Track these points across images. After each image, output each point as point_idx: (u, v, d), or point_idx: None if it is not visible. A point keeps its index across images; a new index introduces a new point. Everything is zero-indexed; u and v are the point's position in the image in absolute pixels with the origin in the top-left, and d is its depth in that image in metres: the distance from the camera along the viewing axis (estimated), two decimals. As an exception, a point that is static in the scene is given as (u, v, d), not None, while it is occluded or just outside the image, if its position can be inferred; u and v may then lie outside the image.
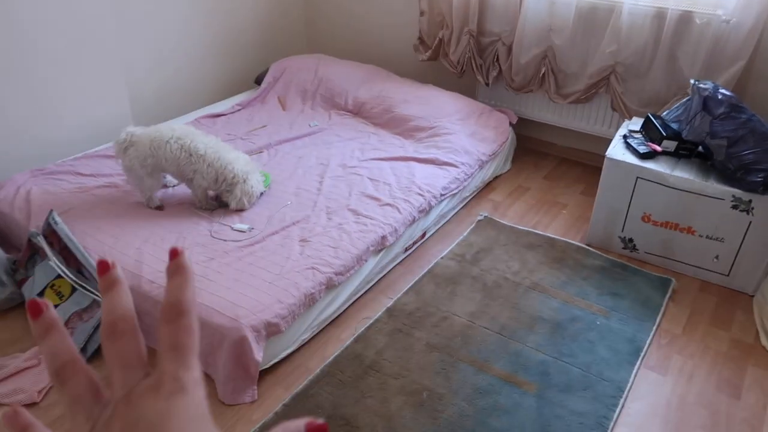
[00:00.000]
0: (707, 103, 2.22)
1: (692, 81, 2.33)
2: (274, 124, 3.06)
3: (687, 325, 2.15)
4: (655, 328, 2.12)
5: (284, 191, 2.45)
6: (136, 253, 2.03)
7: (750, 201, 2.17)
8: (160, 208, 2.29)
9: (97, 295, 1.92)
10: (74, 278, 1.97)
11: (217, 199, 2.34)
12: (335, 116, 3.17)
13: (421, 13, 3.29)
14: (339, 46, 3.87)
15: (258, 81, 3.47)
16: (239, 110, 3.21)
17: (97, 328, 1.89)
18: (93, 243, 2.07)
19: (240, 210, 2.28)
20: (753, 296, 2.31)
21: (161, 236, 2.13)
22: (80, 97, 2.71)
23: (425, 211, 2.46)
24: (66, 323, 1.93)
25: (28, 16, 2.43)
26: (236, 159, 2.27)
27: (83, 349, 1.89)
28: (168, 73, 3.16)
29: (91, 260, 1.98)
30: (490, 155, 2.89)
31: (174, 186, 2.45)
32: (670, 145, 2.37)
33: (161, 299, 1.57)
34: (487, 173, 2.96)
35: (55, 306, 1.97)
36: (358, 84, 3.27)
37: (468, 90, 3.45)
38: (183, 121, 3.03)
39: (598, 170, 2.53)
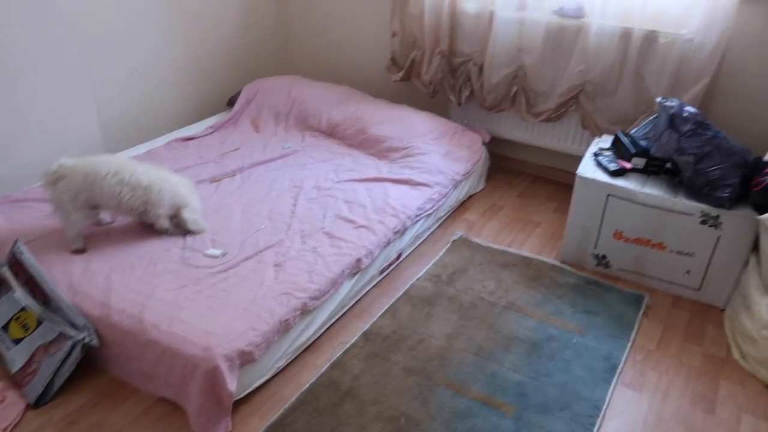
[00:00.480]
0: (673, 120, 2.27)
1: (658, 99, 2.38)
2: (247, 147, 3.04)
3: (661, 341, 2.17)
4: (629, 344, 2.13)
5: (257, 215, 2.42)
6: (105, 281, 1.98)
7: (718, 216, 2.21)
8: (80, 251, 2.13)
9: (63, 327, 1.87)
10: (40, 310, 1.91)
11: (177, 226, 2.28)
12: (309, 138, 3.16)
13: (393, 35, 3.31)
14: (312, 68, 3.88)
15: (231, 103, 3.45)
16: (212, 133, 3.18)
17: (63, 361, 1.83)
18: (60, 273, 2.02)
19: (200, 232, 2.26)
20: (724, 310, 2.34)
21: (130, 264, 2.08)
22: (49, 121, 2.66)
23: (400, 233, 2.45)
24: (31, 357, 1.87)
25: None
26: (179, 182, 2.25)
27: (50, 383, 1.83)
28: (138, 95, 3.13)
29: (59, 291, 1.93)
30: (464, 174, 2.90)
31: (109, 224, 2.31)
32: (640, 162, 2.41)
33: (131, 329, 1.54)
34: (462, 192, 2.98)
35: (21, 339, 1.92)
36: (331, 105, 3.28)
37: (441, 110, 3.48)
38: (155, 145, 2.99)
39: (570, 188, 2.56)
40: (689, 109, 2.28)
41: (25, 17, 2.46)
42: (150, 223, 2.24)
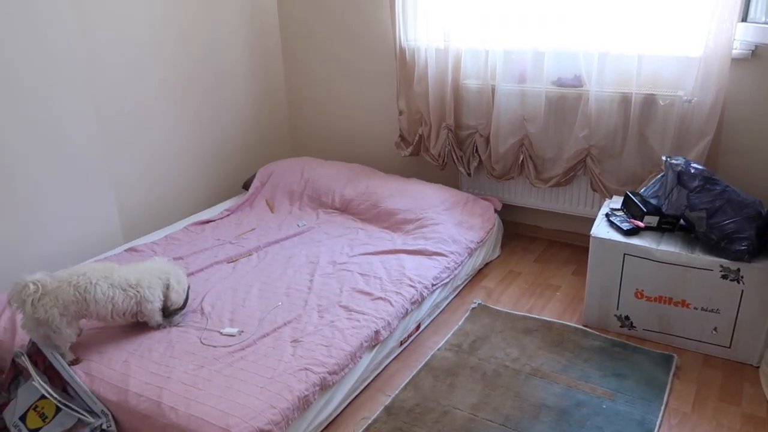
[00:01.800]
0: (681, 177, 2.29)
1: (664, 157, 2.42)
2: (262, 227, 3.09)
3: (696, 403, 2.08)
4: (663, 407, 2.04)
5: (275, 292, 2.43)
6: (123, 366, 1.97)
7: (738, 270, 2.17)
8: (76, 361, 2.01)
9: (82, 415, 1.84)
10: (59, 397, 1.90)
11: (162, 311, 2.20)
12: (323, 215, 3.22)
13: (400, 113, 3.44)
14: (323, 148, 4.02)
15: (246, 186, 3.55)
16: (228, 215, 3.26)
17: (81, 450, 1.79)
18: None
19: (176, 307, 2.19)
20: (758, 367, 2.26)
21: (149, 347, 2.08)
22: (68, 212, 2.75)
23: (418, 303, 2.44)
24: (48, 447, 1.83)
25: (11, 135, 2.51)
26: (155, 264, 2.20)
27: (66, 475, 1.78)
28: (155, 183, 3.24)
29: (77, 378, 1.92)
30: (478, 242, 2.91)
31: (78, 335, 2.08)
32: (652, 220, 2.41)
33: (149, 413, 1.52)
34: (477, 260, 2.97)
35: (38, 429, 1.89)
36: (343, 182, 3.36)
37: (451, 181, 3.55)
38: (172, 230, 3.06)
39: (586, 250, 2.55)
40: (696, 165, 2.31)
41: (44, 104, 2.61)
42: (144, 321, 2.18)
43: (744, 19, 2.48)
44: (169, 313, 2.21)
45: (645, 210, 2.42)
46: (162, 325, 2.20)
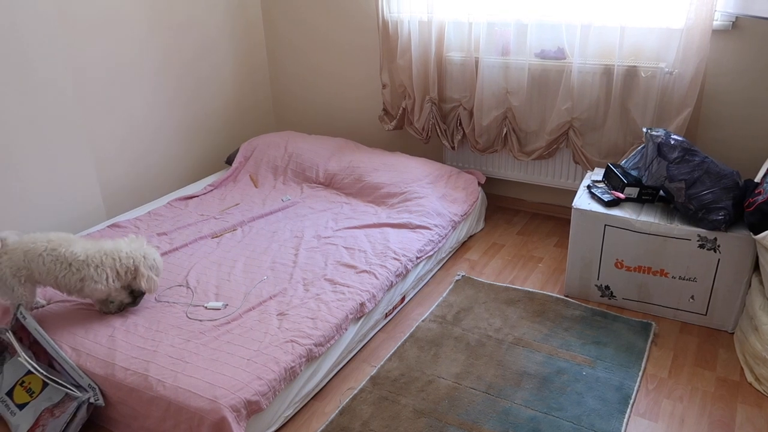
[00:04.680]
0: (661, 149, 2.32)
1: (645, 129, 2.44)
2: (247, 202, 3.08)
3: (672, 368, 2.14)
4: (641, 373, 2.10)
5: (260, 266, 2.44)
6: (109, 341, 1.98)
7: (715, 239, 2.22)
8: (40, 306, 2.08)
9: (69, 389, 1.85)
10: (45, 373, 1.90)
11: (131, 293, 2.17)
12: (307, 189, 3.22)
13: (383, 86, 3.42)
14: (307, 123, 3.99)
15: (229, 161, 3.53)
16: (211, 190, 3.24)
17: (69, 423, 1.80)
18: (64, 334, 2.02)
19: (152, 289, 2.12)
20: (733, 333, 2.32)
21: (134, 322, 2.08)
22: (49, 189, 2.72)
23: (402, 275, 2.46)
24: (36, 421, 1.84)
25: (-3, 114, 2.47)
26: (122, 245, 2.11)
27: (55, 448, 1.80)
28: (137, 158, 3.20)
29: (62, 353, 1.92)
30: (462, 215, 2.94)
31: (42, 306, 2.19)
32: (632, 191, 2.44)
33: (136, 386, 1.54)
34: (461, 233, 3.00)
35: (26, 404, 1.90)
36: (327, 157, 3.35)
37: (435, 154, 3.56)
38: (155, 205, 3.04)
39: (569, 222, 2.59)
40: (676, 137, 2.33)
41: (22, 76, 2.56)
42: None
43: (725, -10, 2.49)
44: (134, 297, 2.16)
45: (625, 181, 2.45)
46: (108, 311, 2.14)
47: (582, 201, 2.49)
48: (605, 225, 2.40)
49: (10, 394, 1.95)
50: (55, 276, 2.03)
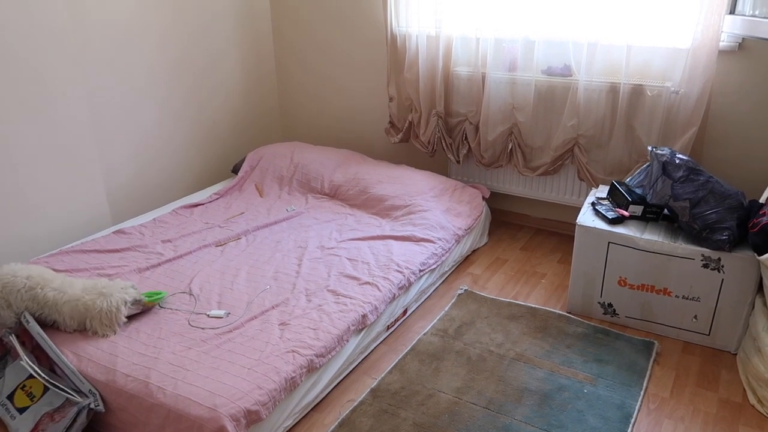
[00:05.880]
0: (666, 167, 2.32)
1: (650, 147, 2.45)
2: (252, 211, 3.10)
3: (674, 388, 2.13)
4: (642, 392, 2.09)
5: (263, 276, 2.44)
6: (111, 347, 1.98)
7: (719, 259, 2.22)
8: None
9: (70, 394, 1.85)
10: (46, 377, 1.91)
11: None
12: (312, 200, 3.23)
13: (390, 99, 3.45)
14: (313, 133, 4.01)
15: (235, 170, 3.55)
16: (217, 199, 3.25)
17: (68, 428, 1.80)
18: (66, 339, 2.02)
19: (105, 336, 2.04)
20: (736, 354, 2.31)
21: (136, 328, 2.09)
22: (56, 194, 2.74)
23: (405, 288, 2.46)
24: (36, 425, 1.85)
25: (2, 115, 2.49)
26: (84, 289, 2.09)
27: (54, 453, 1.79)
28: (144, 165, 3.23)
29: (64, 358, 1.93)
30: (465, 229, 2.94)
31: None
32: (637, 209, 2.45)
33: (136, 393, 1.54)
34: (465, 247, 3.00)
35: (26, 408, 1.90)
36: (333, 168, 3.36)
37: (440, 168, 3.57)
38: (160, 212, 3.06)
39: (572, 239, 2.59)
40: (681, 156, 2.34)
41: (34, 86, 2.59)
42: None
43: (732, 11, 2.50)
44: None
45: (630, 199, 2.45)
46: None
47: (586, 218, 2.49)
48: (609, 242, 2.40)
49: (10, 397, 1.95)
50: (33, 312, 2.06)
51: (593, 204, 2.59)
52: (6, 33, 2.42)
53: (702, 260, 2.25)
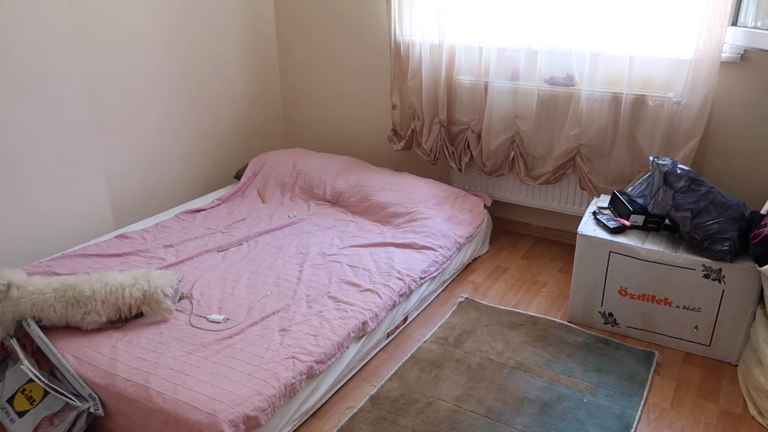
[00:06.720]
0: (668, 178, 2.33)
1: (651, 158, 2.45)
2: (254, 217, 3.11)
3: (674, 399, 2.13)
4: (642, 403, 2.09)
5: (264, 282, 2.45)
6: (111, 351, 1.99)
7: (720, 270, 2.22)
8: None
9: (69, 398, 1.86)
10: (46, 381, 1.91)
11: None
12: (314, 206, 3.24)
13: (393, 107, 3.46)
14: (316, 140, 4.03)
15: (238, 176, 3.56)
16: (219, 204, 3.27)
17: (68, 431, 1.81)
18: (67, 344, 2.03)
19: (163, 319, 2.14)
20: (737, 365, 2.30)
21: (137, 333, 2.09)
22: (59, 198, 2.75)
23: (406, 295, 2.47)
24: (35, 429, 1.85)
25: (4, 121, 2.51)
26: (126, 277, 2.15)
27: (52, 457, 1.80)
28: (147, 170, 3.24)
29: (65, 362, 1.93)
30: (467, 237, 2.94)
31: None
32: (638, 219, 2.45)
33: (136, 397, 1.54)
34: (466, 255, 3.01)
35: (25, 411, 1.90)
36: (335, 175, 3.38)
37: (442, 176, 3.58)
38: (163, 218, 3.07)
39: (574, 248, 2.59)
40: (682, 166, 2.34)
41: (39, 91, 2.61)
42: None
43: (734, 23, 2.51)
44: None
45: (631, 209, 2.45)
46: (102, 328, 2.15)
47: (587, 227, 2.49)
48: (610, 252, 2.40)
49: (10, 401, 1.95)
50: (67, 316, 2.09)
51: (594, 213, 2.59)
52: (10, 36, 2.44)
53: (703, 271, 2.25)
